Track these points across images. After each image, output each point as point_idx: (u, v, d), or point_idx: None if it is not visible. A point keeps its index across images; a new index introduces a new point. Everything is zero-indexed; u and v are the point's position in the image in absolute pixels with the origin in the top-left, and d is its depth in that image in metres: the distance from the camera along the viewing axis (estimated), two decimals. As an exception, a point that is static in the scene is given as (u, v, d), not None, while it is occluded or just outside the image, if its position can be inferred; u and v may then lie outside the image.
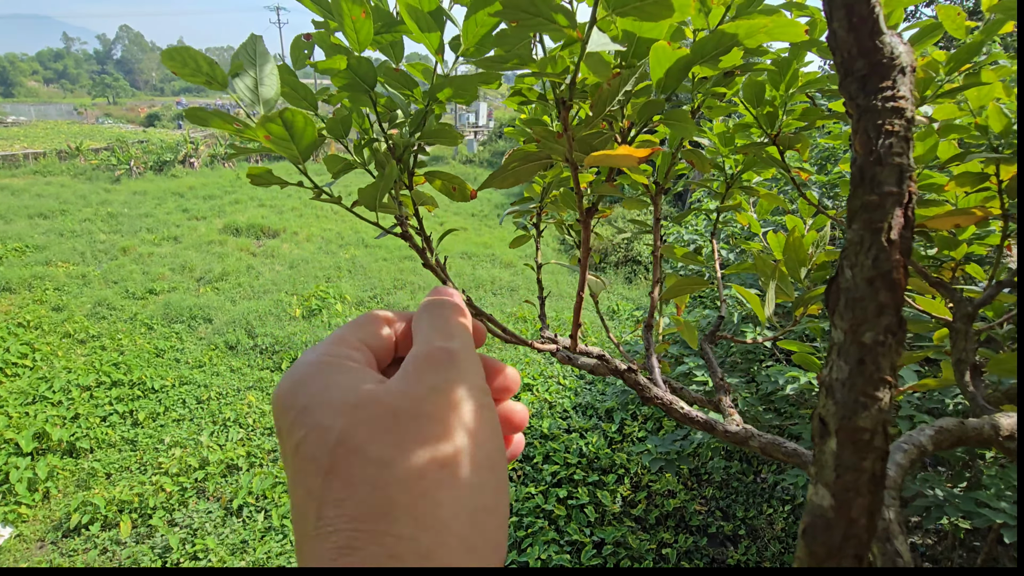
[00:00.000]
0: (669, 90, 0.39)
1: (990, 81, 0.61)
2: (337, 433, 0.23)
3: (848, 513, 0.23)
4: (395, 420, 0.24)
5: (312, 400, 0.25)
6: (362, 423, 0.23)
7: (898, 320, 0.24)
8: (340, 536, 0.21)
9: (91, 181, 18.19)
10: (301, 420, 0.24)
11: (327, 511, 0.22)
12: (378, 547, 0.21)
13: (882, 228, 0.24)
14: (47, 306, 9.09)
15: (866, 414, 0.23)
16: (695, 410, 0.60)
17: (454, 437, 0.24)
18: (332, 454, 0.23)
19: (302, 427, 0.24)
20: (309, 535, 0.22)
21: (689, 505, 4.80)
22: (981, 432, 0.51)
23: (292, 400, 0.25)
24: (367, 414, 0.24)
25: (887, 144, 0.24)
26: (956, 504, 2.93)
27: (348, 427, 0.23)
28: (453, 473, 0.23)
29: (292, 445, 0.24)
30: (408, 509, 0.22)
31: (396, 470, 0.22)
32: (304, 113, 0.35)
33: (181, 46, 0.33)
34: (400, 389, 0.25)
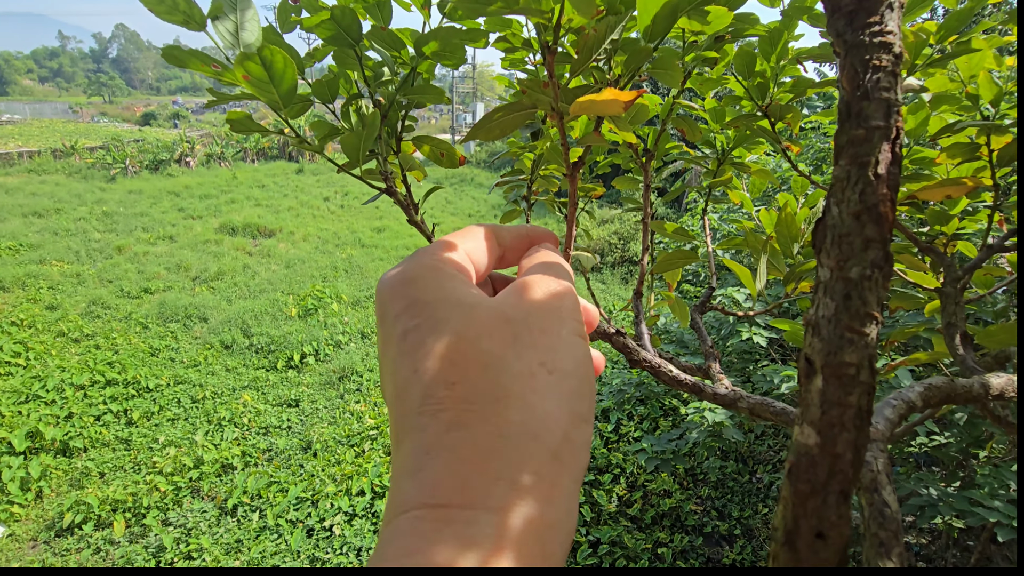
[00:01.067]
0: (656, 38, 0.39)
1: (980, 48, 0.61)
2: (452, 325, 0.25)
3: (833, 448, 0.22)
4: (508, 324, 0.26)
5: (426, 295, 0.26)
6: (476, 321, 0.25)
7: (885, 254, 0.23)
8: (450, 413, 0.22)
9: (86, 180, 18.11)
10: (414, 310, 0.26)
11: (437, 390, 0.23)
12: (490, 426, 0.22)
13: (869, 162, 0.23)
14: (41, 305, 9.04)
15: (852, 349, 0.23)
16: (683, 374, 0.60)
17: (560, 350, 0.26)
18: (446, 343, 0.24)
19: (415, 316, 0.26)
20: (413, 411, 0.23)
21: (685, 505, 4.80)
22: (971, 390, 0.51)
23: (404, 290, 0.27)
24: (482, 315, 0.26)
25: (875, 79, 0.23)
26: (950, 503, 2.94)
27: (463, 322, 0.25)
28: (559, 379, 0.25)
29: (400, 330, 0.26)
30: (519, 397, 0.23)
31: (507, 364, 0.24)
32: (282, 52, 0.35)
33: None
34: (513, 302, 0.27)
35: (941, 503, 2.99)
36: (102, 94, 73.79)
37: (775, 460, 5.10)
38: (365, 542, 4.59)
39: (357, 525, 4.78)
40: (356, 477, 5.30)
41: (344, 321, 8.82)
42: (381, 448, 5.71)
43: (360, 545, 4.59)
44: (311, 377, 7.44)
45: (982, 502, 2.78)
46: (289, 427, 6.43)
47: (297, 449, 5.95)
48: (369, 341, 8.46)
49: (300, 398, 6.96)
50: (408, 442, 0.23)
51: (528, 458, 0.22)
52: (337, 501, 5.03)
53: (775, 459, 5.12)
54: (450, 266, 0.29)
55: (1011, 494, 2.74)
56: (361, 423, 6.20)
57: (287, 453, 5.88)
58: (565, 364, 0.25)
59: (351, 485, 5.20)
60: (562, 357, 0.26)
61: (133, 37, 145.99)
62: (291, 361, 7.70)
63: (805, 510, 0.22)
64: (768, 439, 5.29)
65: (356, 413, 6.47)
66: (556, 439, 0.23)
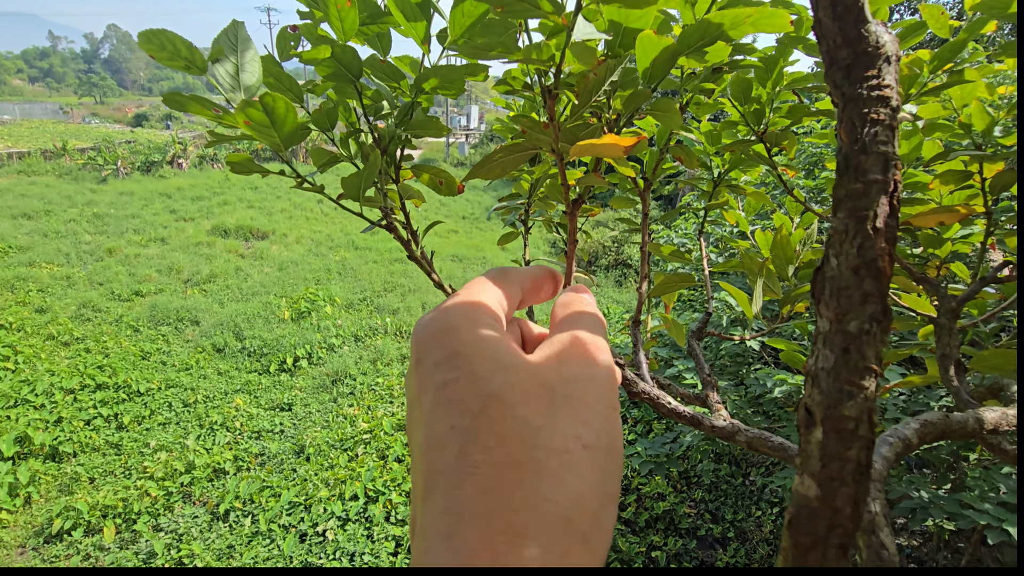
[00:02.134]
0: (655, 80, 0.39)
1: (973, 79, 0.62)
2: (492, 385, 0.25)
3: (833, 502, 0.22)
4: (546, 391, 0.25)
5: (466, 348, 0.26)
6: (515, 385, 0.25)
7: (883, 308, 0.23)
8: (485, 479, 0.22)
9: (77, 181, 17.93)
10: (454, 362, 0.26)
11: (473, 452, 0.23)
12: (521, 497, 0.22)
13: (867, 216, 0.24)
14: (30, 308, 8.93)
15: (851, 403, 0.23)
16: (682, 405, 0.60)
17: (596, 424, 0.26)
18: (484, 401, 0.24)
19: (455, 369, 0.26)
20: (447, 467, 0.23)
21: (679, 508, 4.81)
22: (965, 426, 0.52)
23: (444, 340, 0.27)
24: (520, 378, 0.25)
25: (872, 132, 0.24)
26: (941, 506, 2.97)
27: (503, 383, 0.25)
28: (593, 456, 0.25)
29: (439, 381, 0.26)
30: (554, 473, 0.23)
31: (543, 436, 0.24)
32: (284, 98, 0.35)
33: (159, 29, 0.33)
34: (553, 367, 0.27)
35: (932, 505, 3.02)
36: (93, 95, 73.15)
37: (768, 463, 5.12)
38: (358, 547, 4.56)
39: (350, 530, 4.76)
40: (349, 481, 5.28)
41: (337, 324, 8.78)
42: (374, 452, 5.69)
43: (353, 550, 4.56)
44: (304, 380, 7.40)
45: (973, 504, 2.81)
46: (282, 431, 6.39)
47: (290, 453, 5.91)
48: (362, 344, 8.43)
49: (293, 402, 6.92)
50: (440, 499, 0.23)
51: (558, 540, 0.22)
52: (330, 506, 5.00)
53: (768, 462, 5.15)
54: (488, 319, 0.29)
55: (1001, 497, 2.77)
56: (354, 427, 6.17)
57: (279, 457, 5.85)
58: (600, 440, 0.25)
59: (344, 489, 5.17)
60: (597, 432, 0.25)
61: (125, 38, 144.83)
62: (284, 364, 7.66)
63: (806, 562, 0.23)
64: (761, 442, 5.30)
65: (349, 417, 6.44)
66: (586, 521, 0.23)
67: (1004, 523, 2.59)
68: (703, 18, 0.36)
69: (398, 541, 4.66)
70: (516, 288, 0.33)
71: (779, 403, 4.25)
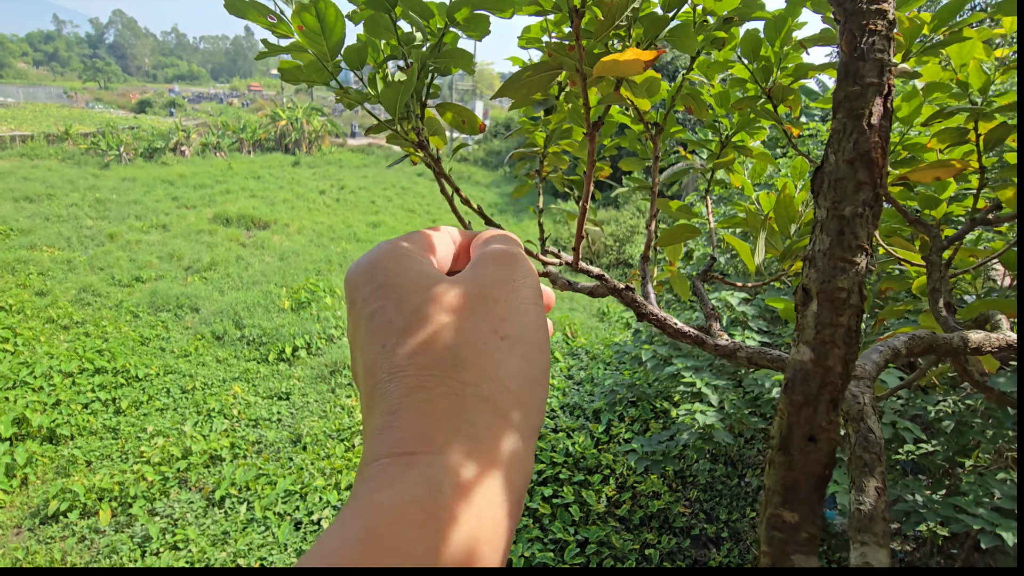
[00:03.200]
0: (674, 7, 0.41)
1: (971, 36, 0.64)
2: (414, 304, 0.27)
3: (825, 362, 0.24)
4: (464, 299, 0.28)
5: (390, 279, 0.29)
6: (435, 299, 0.28)
7: (875, 195, 0.26)
8: (412, 379, 0.25)
9: (79, 166, 17.93)
10: (379, 293, 0.28)
11: (400, 360, 0.25)
12: (445, 387, 0.24)
13: (863, 115, 0.26)
14: (30, 291, 8.94)
15: (844, 276, 0.25)
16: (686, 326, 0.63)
17: (513, 319, 0.28)
18: (408, 318, 0.27)
19: (380, 298, 0.28)
20: (381, 380, 0.26)
21: (673, 507, 4.83)
22: (951, 343, 0.54)
23: (370, 276, 0.30)
24: (440, 290, 0.28)
25: (870, 42, 0.26)
26: (935, 510, 2.98)
27: (423, 300, 0.28)
28: (512, 345, 0.27)
29: (368, 311, 0.28)
30: (473, 362, 0.26)
31: (464, 334, 0.26)
32: (335, 6, 0.37)
33: None
34: (469, 277, 0.30)
35: (926, 510, 3.03)
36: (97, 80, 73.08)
37: (764, 464, 5.15)
38: (353, 535, 4.59)
39: (345, 518, 4.77)
40: (345, 471, 5.30)
41: (337, 315, 8.80)
42: (371, 443, 5.71)
43: (348, 538, 4.58)
44: (302, 370, 7.42)
45: (967, 509, 2.83)
46: (279, 420, 6.40)
47: (287, 442, 5.93)
48: (362, 336, 8.44)
49: (291, 391, 6.94)
50: (377, 407, 0.25)
51: (482, 416, 0.24)
52: (326, 495, 5.02)
53: (764, 463, 5.17)
54: (412, 250, 0.31)
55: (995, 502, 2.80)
56: (352, 417, 6.19)
57: (276, 446, 5.86)
58: (517, 331, 0.28)
59: (340, 479, 5.19)
60: (514, 324, 0.28)
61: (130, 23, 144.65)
62: (283, 354, 7.67)
63: (799, 418, 0.25)
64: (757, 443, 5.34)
65: (347, 407, 6.46)
66: (507, 401, 0.25)
67: (998, 528, 2.61)
68: None
69: (392, 530, 4.68)
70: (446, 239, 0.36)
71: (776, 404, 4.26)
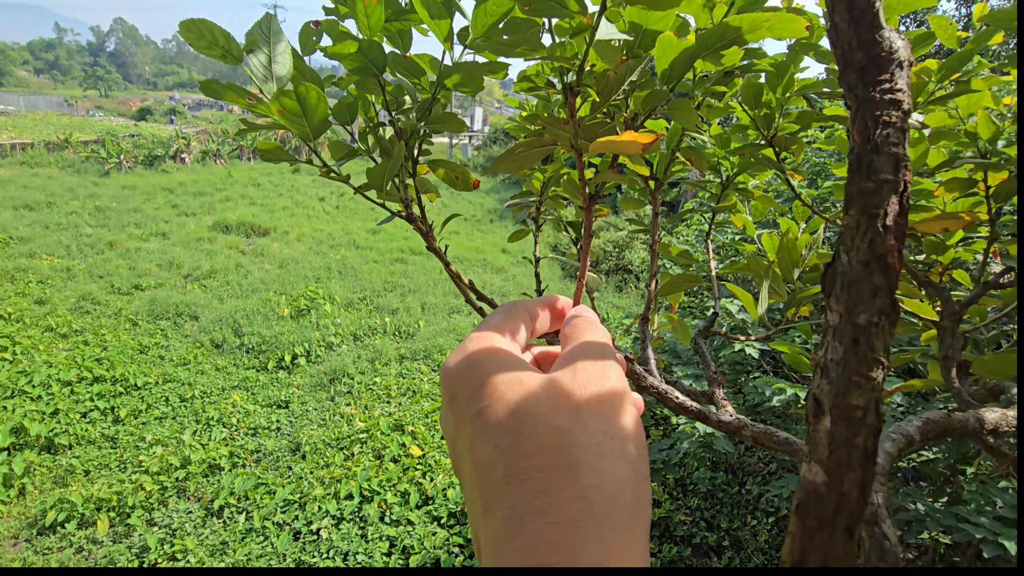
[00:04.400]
0: (673, 81, 0.40)
1: (979, 89, 0.63)
2: (523, 404, 0.28)
3: (840, 487, 0.23)
4: (569, 400, 0.29)
5: (492, 378, 0.30)
6: (541, 399, 0.28)
7: (892, 302, 0.24)
8: (536, 482, 0.25)
9: (79, 174, 17.94)
10: (485, 391, 0.29)
11: (520, 463, 0.26)
12: (571, 491, 0.25)
13: (878, 214, 0.25)
14: (30, 299, 8.93)
15: (859, 392, 0.24)
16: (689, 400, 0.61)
17: (619, 420, 0.29)
18: (519, 419, 0.28)
19: (486, 397, 0.29)
20: (499, 481, 0.26)
21: (674, 515, 4.81)
22: (966, 425, 0.53)
23: (472, 375, 0.31)
24: (545, 393, 0.29)
25: (884, 134, 0.25)
26: (937, 519, 2.96)
27: (532, 400, 0.28)
28: (622, 445, 0.28)
29: (475, 410, 0.29)
30: (591, 465, 0.26)
31: (576, 436, 0.27)
32: (316, 88, 0.36)
33: (199, 19, 0.34)
34: (570, 377, 0.30)
35: (928, 518, 3.01)
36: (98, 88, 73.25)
37: (764, 472, 5.12)
38: (352, 546, 4.55)
39: (344, 529, 4.75)
40: (345, 480, 5.27)
41: (337, 323, 8.78)
42: (370, 452, 5.68)
43: (347, 549, 4.55)
44: (302, 378, 7.39)
45: (969, 518, 2.80)
46: (278, 428, 6.38)
47: (286, 451, 5.90)
48: (361, 343, 8.42)
49: (290, 399, 6.91)
50: (499, 510, 0.25)
51: (608, 518, 0.25)
52: (325, 504, 4.99)
53: (764, 471, 5.14)
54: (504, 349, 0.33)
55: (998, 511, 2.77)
56: (351, 426, 6.17)
57: (275, 455, 5.84)
58: (623, 430, 0.28)
59: (339, 489, 5.16)
60: (620, 424, 0.29)
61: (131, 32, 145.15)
62: (282, 362, 7.65)
63: (812, 544, 0.23)
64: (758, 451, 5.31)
65: (346, 416, 6.43)
66: (628, 498, 0.26)
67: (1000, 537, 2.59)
68: (722, 21, 0.38)
69: (392, 541, 4.65)
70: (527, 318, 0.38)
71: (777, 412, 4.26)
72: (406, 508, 4.93)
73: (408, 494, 5.08)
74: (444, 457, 5.57)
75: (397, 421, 6.09)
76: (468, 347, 0.33)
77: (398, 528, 4.74)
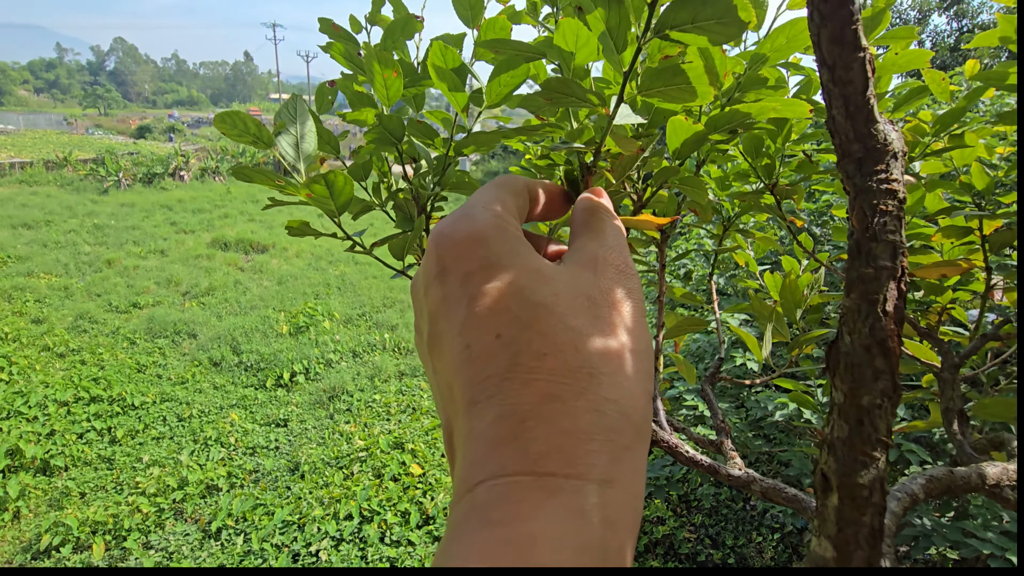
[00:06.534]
0: (683, 157, 0.42)
1: (973, 144, 0.66)
2: (539, 295, 0.25)
3: (849, 564, 0.24)
4: (589, 302, 0.26)
5: (502, 259, 0.26)
6: (560, 295, 0.25)
7: (893, 384, 0.26)
8: (544, 384, 0.23)
9: (78, 192, 18.00)
10: (491, 272, 0.26)
11: (527, 359, 0.23)
12: (585, 401, 0.23)
13: (878, 300, 0.26)
14: (27, 318, 8.90)
15: (865, 472, 0.25)
16: (699, 454, 0.62)
17: (635, 331, 0.27)
18: (534, 311, 0.24)
19: (492, 279, 0.25)
20: (496, 375, 0.23)
21: (678, 532, 4.76)
22: (969, 481, 0.54)
23: (476, 250, 0.27)
24: (564, 289, 0.26)
25: (882, 222, 0.26)
26: (944, 534, 2.95)
27: (550, 293, 0.25)
28: (638, 359, 0.26)
29: (474, 292, 0.25)
30: (610, 376, 0.24)
31: (595, 342, 0.25)
32: (344, 174, 0.37)
33: (232, 111, 0.36)
34: (590, 280, 0.27)
35: (935, 534, 2.99)
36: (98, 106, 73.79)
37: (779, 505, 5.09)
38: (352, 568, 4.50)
39: (344, 551, 4.69)
40: (344, 500, 5.22)
41: (336, 339, 8.76)
42: (370, 471, 5.63)
43: (347, 572, 4.49)
44: (300, 396, 7.35)
45: (975, 533, 2.79)
46: (277, 447, 6.32)
47: (284, 470, 5.85)
48: (360, 360, 8.39)
49: (289, 417, 6.86)
50: (493, 407, 0.23)
51: (621, 435, 0.23)
52: (324, 525, 4.94)
53: (767, 486, 5.11)
54: (513, 227, 0.29)
55: (1004, 525, 2.76)
56: (350, 444, 6.12)
57: (274, 474, 5.78)
58: (640, 344, 0.26)
59: (339, 509, 5.11)
60: (638, 338, 0.26)
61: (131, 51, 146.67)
62: (280, 379, 7.61)
63: (824, 617, 0.24)
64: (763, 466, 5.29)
65: (345, 434, 6.39)
66: (640, 417, 0.24)
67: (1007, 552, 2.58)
68: (732, 108, 0.40)
69: (392, 562, 4.60)
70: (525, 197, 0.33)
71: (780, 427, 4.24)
72: (407, 528, 4.87)
73: (409, 514, 5.02)
74: (445, 476, 5.53)
75: (397, 439, 6.05)
76: (474, 215, 0.28)
77: (399, 549, 4.68)
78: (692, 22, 0.25)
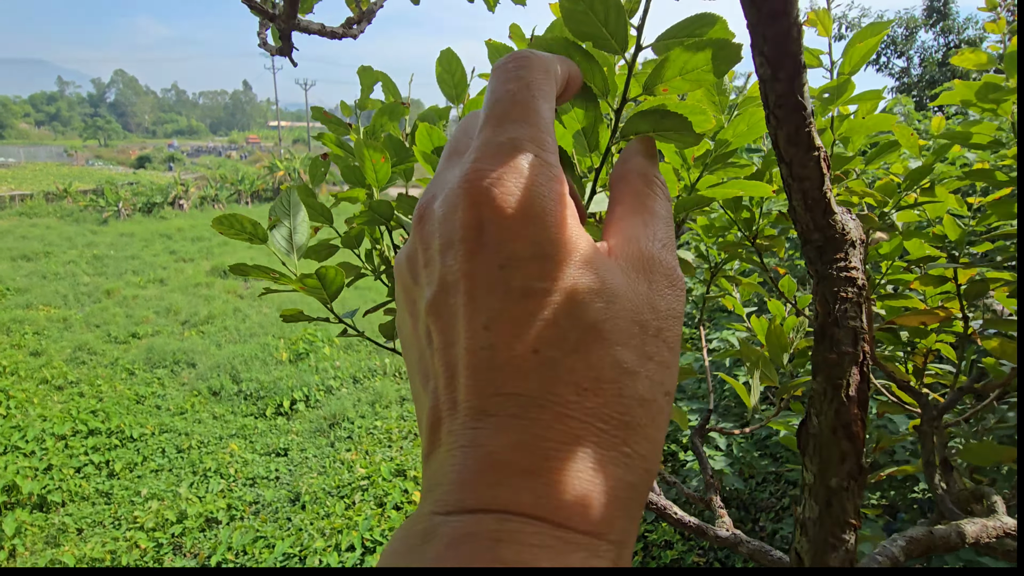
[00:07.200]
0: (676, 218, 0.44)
1: (943, 199, 0.68)
2: (592, 315, 0.21)
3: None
4: (641, 330, 0.22)
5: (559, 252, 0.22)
6: (616, 318, 0.22)
7: (858, 467, 0.27)
8: (578, 425, 0.20)
9: (78, 223, 18.12)
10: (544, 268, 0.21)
11: (565, 392, 0.21)
12: (616, 453, 0.21)
13: (841, 384, 0.27)
14: (25, 351, 8.87)
15: (835, 555, 0.26)
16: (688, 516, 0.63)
17: (675, 371, 0.23)
18: (583, 334, 0.21)
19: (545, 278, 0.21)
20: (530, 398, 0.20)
21: (687, 556, 4.68)
22: (948, 540, 0.55)
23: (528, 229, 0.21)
24: (618, 309, 0.22)
25: (843, 309, 0.28)
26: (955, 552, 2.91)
27: (604, 314, 0.22)
28: (668, 407, 0.23)
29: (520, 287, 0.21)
30: (645, 430, 0.21)
31: (640, 387, 0.22)
32: (335, 267, 0.39)
33: (230, 214, 0.38)
34: (647, 299, 0.23)
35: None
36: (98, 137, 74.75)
37: (777, 507, 5.02)
38: (354, 602, 4.41)
39: (347, 584, 4.60)
40: (346, 531, 5.14)
41: (336, 366, 8.72)
42: (372, 500, 5.56)
43: (349, 605, 4.40)
44: (301, 424, 7.29)
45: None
46: (277, 478, 6.25)
47: (285, 501, 5.77)
48: (361, 386, 8.35)
49: (289, 447, 6.80)
50: (514, 430, 0.20)
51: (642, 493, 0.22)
52: (326, 557, 4.85)
53: (777, 506, 5.04)
54: (572, 209, 0.23)
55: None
56: (352, 473, 6.05)
57: (274, 505, 5.70)
58: (673, 386, 0.23)
59: (340, 540, 5.03)
60: (674, 378, 0.23)
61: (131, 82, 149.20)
62: (280, 408, 7.56)
63: None
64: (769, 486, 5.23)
65: (347, 462, 6.32)
66: (656, 462, 0.22)
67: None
68: (700, 194, 0.42)
69: (395, 594, 4.51)
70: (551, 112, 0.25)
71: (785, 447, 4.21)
72: (409, 558, 4.79)
73: (411, 543, 4.93)
74: (447, 502, 5.44)
75: (399, 466, 5.99)
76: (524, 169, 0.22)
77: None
78: (654, 131, 0.27)
